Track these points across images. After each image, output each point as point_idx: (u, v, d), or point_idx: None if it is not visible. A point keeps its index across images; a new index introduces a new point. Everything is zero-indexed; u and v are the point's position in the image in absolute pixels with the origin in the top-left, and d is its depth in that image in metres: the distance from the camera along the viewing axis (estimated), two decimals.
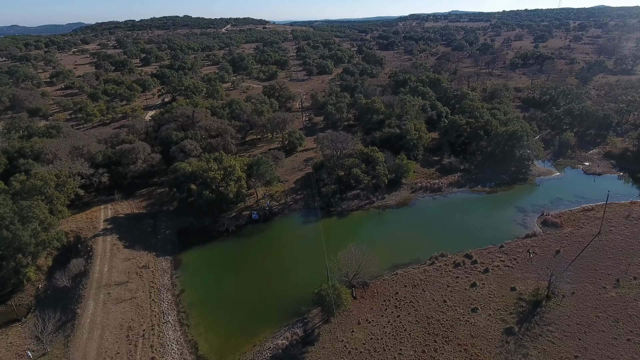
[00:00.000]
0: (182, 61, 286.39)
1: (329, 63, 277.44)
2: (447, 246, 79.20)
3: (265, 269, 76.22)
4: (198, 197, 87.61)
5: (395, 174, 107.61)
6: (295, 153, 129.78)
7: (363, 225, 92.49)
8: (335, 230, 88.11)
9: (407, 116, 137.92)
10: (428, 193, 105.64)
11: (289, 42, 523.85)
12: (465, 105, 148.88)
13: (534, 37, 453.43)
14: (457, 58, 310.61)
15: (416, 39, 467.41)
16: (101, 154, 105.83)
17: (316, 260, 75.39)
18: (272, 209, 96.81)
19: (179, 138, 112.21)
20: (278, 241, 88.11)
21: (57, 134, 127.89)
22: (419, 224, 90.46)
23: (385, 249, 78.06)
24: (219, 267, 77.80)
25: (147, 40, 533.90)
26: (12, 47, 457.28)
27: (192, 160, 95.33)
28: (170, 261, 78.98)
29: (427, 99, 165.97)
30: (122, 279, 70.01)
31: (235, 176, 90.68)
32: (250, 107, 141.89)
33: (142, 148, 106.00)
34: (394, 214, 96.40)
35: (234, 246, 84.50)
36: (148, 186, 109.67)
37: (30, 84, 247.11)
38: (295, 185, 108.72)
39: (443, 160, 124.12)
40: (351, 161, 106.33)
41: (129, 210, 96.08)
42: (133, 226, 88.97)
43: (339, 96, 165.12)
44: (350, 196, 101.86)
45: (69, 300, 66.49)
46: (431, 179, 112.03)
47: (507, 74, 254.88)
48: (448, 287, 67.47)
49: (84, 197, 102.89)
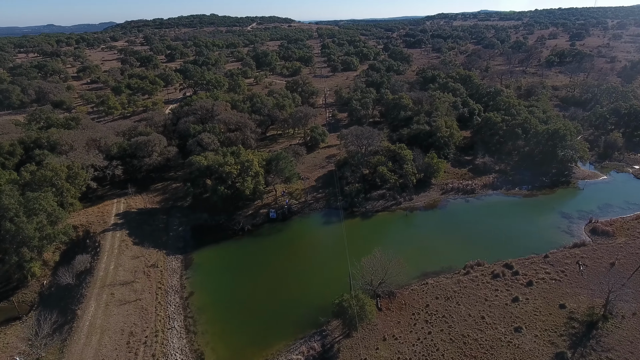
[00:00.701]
0: (206, 57, 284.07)
1: (354, 59, 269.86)
2: (483, 254, 71.19)
3: (281, 273, 70.05)
4: (213, 192, 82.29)
5: (424, 173, 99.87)
6: (318, 149, 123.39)
7: (389, 228, 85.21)
8: (358, 233, 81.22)
9: (437, 113, 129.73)
10: (460, 195, 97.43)
11: (314, 39, 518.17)
12: (501, 102, 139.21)
13: (569, 35, 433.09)
14: (489, 55, 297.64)
15: (444, 37, 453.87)
16: (116, 146, 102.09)
17: (337, 265, 68.83)
18: (291, 208, 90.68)
19: (197, 131, 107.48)
20: (296, 242, 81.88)
21: (75, 125, 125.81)
22: (451, 229, 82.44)
23: (414, 255, 70.73)
24: (232, 268, 72.07)
25: (173, 37, 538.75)
26: (45, 43, 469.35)
27: (208, 154, 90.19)
28: (180, 260, 73.79)
29: (457, 96, 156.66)
30: (128, 278, 65.11)
31: (253, 171, 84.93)
32: (272, 101, 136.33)
33: (158, 141, 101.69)
34: (422, 217, 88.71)
35: (249, 246, 78.73)
36: (164, 180, 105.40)
37: (57, 77, 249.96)
38: (316, 183, 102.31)
39: (476, 160, 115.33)
40: (377, 158, 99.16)
41: (142, 205, 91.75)
42: (145, 222, 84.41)
43: (365, 91, 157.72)
44: (375, 196, 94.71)
45: (70, 300, 61.98)
46: (463, 179, 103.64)
47: (543, 72, 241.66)
48: (486, 301, 59.59)
49: (99, 190, 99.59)
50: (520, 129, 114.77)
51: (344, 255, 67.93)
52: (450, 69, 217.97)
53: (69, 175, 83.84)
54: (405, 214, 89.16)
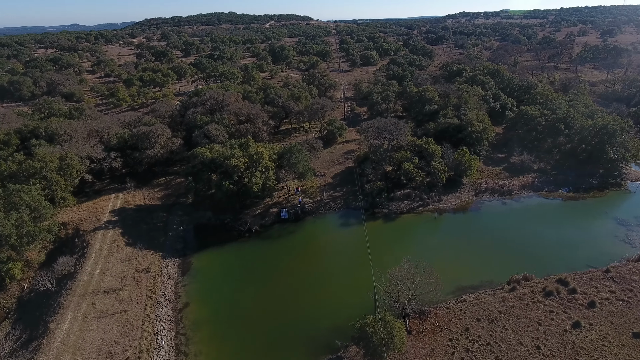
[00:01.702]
0: (222, 52, 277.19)
1: (373, 54, 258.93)
2: (529, 266, 60.19)
3: (291, 282, 60.39)
4: (217, 188, 73.25)
5: (454, 171, 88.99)
6: (335, 144, 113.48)
7: (416, 232, 74.79)
8: (381, 237, 70.97)
9: (466, 106, 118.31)
10: (496, 196, 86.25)
11: (332, 36, 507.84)
12: (537, 95, 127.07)
13: (599, 32, 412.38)
14: (516, 51, 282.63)
15: (467, 34, 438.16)
16: (116, 136, 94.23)
17: (357, 275, 58.89)
18: (305, 207, 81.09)
19: (204, 122, 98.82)
20: (310, 247, 72.12)
21: (79, 116, 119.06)
22: (488, 235, 71.44)
23: (446, 265, 60.22)
24: (235, 275, 62.75)
25: (190, 34, 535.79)
26: (64, 39, 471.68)
27: (213, 146, 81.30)
28: (178, 264, 64.85)
29: (487, 90, 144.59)
30: (114, 285, 56.37)
31: (262, 165, 75.58)
32: (287, 92, 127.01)
33: (162, 131, 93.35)
34: (454, 220, 77.95)
35: (256, 250, 69.33)
36: (167, 175, 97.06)
37: (71, 71, 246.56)
38: (333, 180, 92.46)
39: (511, 158, 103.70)
40: (401, 154, 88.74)
41: (142, 201, 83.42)
42: (142, 219, 75.94)
43: (386, 84, 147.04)
44: (399, 196, 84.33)
45: (46, 309, 53.57)
46: (498, 179, 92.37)
47: (576, 68, 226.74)
48: (540, 326, 48.75)
49: (97, 184, 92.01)
50: (562, 124, 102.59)
51: (365, 264, 57.98)
52: (477, 64, 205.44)
53: (61, 166, 75.95)
54: (434, 216, 78.55)
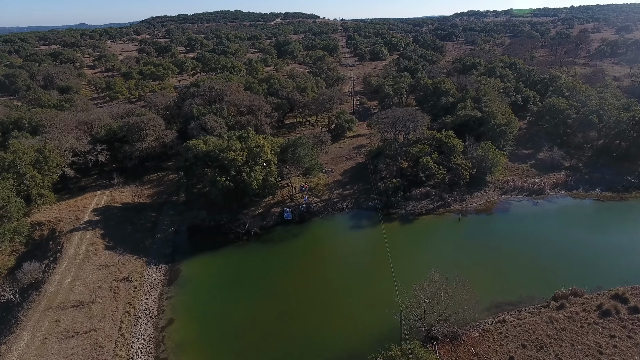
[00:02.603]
0: (226, 47, 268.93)
1: (382, 48, 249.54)
2: (574, 277, 50.94)
3: (296, 295, 51.56)
4: (211, 185, 64.56)
5: (477, 168, 79.75)
6: (344, 139, 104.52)
7: (438, 237, 65.64)
8: (398, 242, 61.84)
9: (486, 98, 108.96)
10: (525, 196, 76.94)
11: (339, 33, 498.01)
12: (563, 86, 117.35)
13: (614, 29, 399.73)
14: (531, 46, 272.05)
15: (477, 31, 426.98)
16: (104, 128, 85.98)
17: (374, 288, 49.97)
18: (311, 207, 72.25)
19: (201, 113, 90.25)
20: (318, 253, 63.22)
21: (69, 107, 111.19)
22: (521, 240, 62.13)
23: (478, 277, 50.94)
24: (230, 285, 53.99)
25: (195, 31, 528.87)
26: (68, 36, 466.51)
27: (209, 138, 72.69)
28: (164, 272, 56.21)
29: (506, 82, 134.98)
30: (85, 297, 47.78)
31: (263, 159, 66.79)
32: (292, 84, 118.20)
33: (154, 122, 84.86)
34: (480, 223, 68.69)
35: (255, 256, 60.56)
36: (160, 171, 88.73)
37: (71, 66, 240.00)
38: (342, 177, 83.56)
39: (538, 154, 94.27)
40: (419, 148, 79.58)
41: (129, 198, 74.98)
42: (128, 219, 67.46)
43: (398, 76, 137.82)
44: (416, 194, 75.23)
45: (4, 325, 45.10)
46: (526, 177, 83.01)
47: (596, 63, 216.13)
48: (601, 355, 39.48)
49: (83, 180, 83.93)
50: (595, 117, 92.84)
51: (383, 274, 49.14)
52: (492, 57, 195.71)
53: (38, 159, 67.66)
54: (458, 218, 69.35)
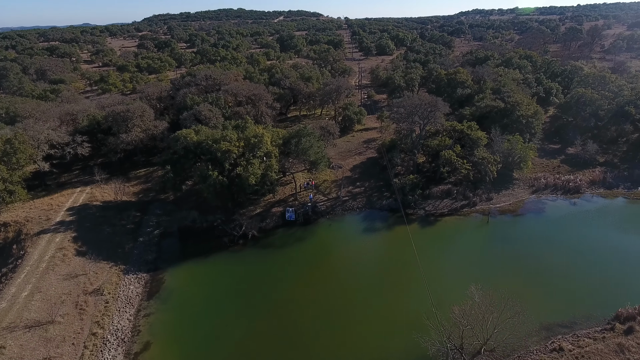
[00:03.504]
0: (227, 41, 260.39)
1: (389, 42, 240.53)
2: (636, 292, 42.01)
3: (301, 312, 42.79)
4: (202, 180, 55.89)
5: (503, 163, 70.73)
6: (352, 132, 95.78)
7: (466, 242, 56.55)
8: (420, 248, 52.90)
9: (506, 89, 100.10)
10: (559, 194, 67.98)
11: (343, 30, 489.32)
12: (590, 76, 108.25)
13: (626, 26, 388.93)
14: (543, 40, 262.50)
15: (485, 27, 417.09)
16: (87, 118, 77.64)
17: (396, 304, 41.12)
18: (317, 206, 63.52)
19: (195, 102, 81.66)
20: (325, 261, 54.39)
21: (55, 97, 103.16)
22: (563, 246, 53.11)
23: (518, 291, 41.87)
24: (222, 299, 45.30)
25: (197, 28, 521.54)
26: (68, 32, 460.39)
27: (201, 128, 64.04)
28: (144, 283, 47.57)
29: (525, 74, 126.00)
30: (42, 315, 39.16)
31: (262, 152, 58.08)
32: (295, 74, 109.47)
33: (141, 111, 76.25)
34: (512, 226, 59.63)
35: (252, 263, 51.87)
36: (150, 166, 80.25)
37: (67, 60, 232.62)
38: (351, 173, 74.75)
39: (567, 148, 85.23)
40: (439, 141, 70.65)
41: (112, 196, 66.41)
42: (107, 220, 58.89)
43: (409, 67, 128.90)
44: (437, 192, 66.34)
45: None
46: (558, 173, 73.94)
47: (613, 58, 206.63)
48: None
49: (64, 175, 75.60)
50: (632, 107, 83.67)
51: (406, 285, 40.30)
52: (505, 51, 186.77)
53: (5, 151, 59.22)
54: (486, 220, 60.38)
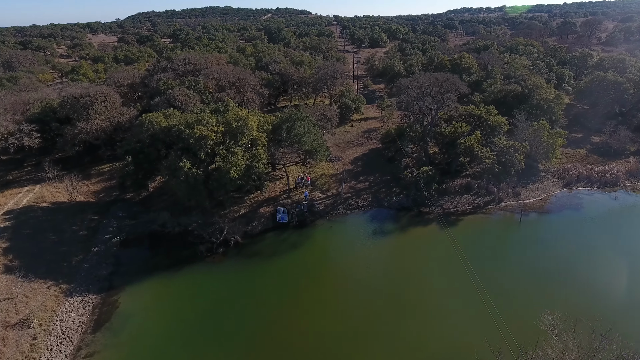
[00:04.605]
0: (212, 34, 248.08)
1: (382, 34, 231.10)
2: None
3: (299, 343, 32.08)
4: (171, 174, 44.80)
5: (526, 153, 60.96)
6: (350, 122, 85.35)
7: (500, 246, 46.20)
8: (442, 255, 42.58)
9: (518, 73, 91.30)
10: (595, 188, 58.41)
11: (333, 26, 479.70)
12: (606, 60, 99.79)
13: (615, 22, 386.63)
14: (539, 32, 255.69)
15: (476, 22, 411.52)
16: (40, 105, 66.05)
17: (425, 333, 30.60)
18: (315, 205, 52.86)
19: (169, 87, 70.30)
20: (326, 272, 43.64)
21: (12, 85, 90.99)
22: (625, 251, 43.28)
23: (605, 316, 31.95)
24: (194, 327, 34.30)
25: (182, 24, 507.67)
26: (47, 29, 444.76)
27: (173, 112, 52.95)
28: (92, 307, 36.36)
29: (534, 60, 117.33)
30: None
31: (247, 138, 47.24)
32: (286, 59, 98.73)
33: (104, 96, 64.72)
34: (550, 225, 49.57)
35: (235, 278, 40.92)
36: (117, 160, 68.55)
37: (41, 54, 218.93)
38: (353, 166, 64.25)
39: (591, 137, 76.01)
40: (454, 127, 60.47)
41: (65, 196, 54.94)
42: (53, 226, 47.50)
43: (409, 53, 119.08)
44: (454, 187, 56.16)
45: None
46: (588, 164, 64.45)
47: (614, 50, 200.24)
48: None
49: (13, 172, 63.85)
50: None
51: (434, 306, 29.85)
52: (505, 40, 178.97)
53: None
54: (518, 219, 50.28)
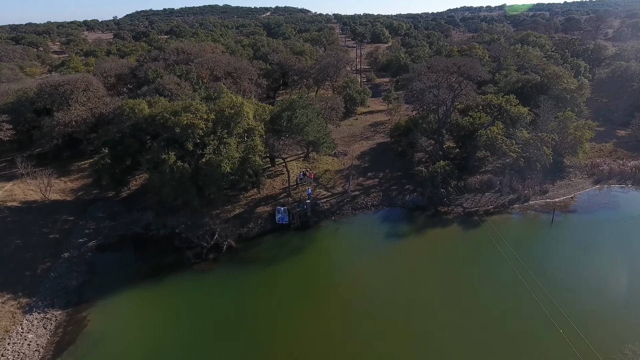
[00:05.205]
0: (210, 30, 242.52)
1: (384, 29, 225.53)
2: None
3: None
4: (153, 168, 38.90)
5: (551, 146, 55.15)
6: (354, 115, 79.49)
7: (539, 253, 40.03)
8: (464, 259, 36.75)
9: (532, 64, 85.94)
10: (630, 184, 52.72)
11: (333, 24, 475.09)
12: (627, 50, 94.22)
13: (618, 19, 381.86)
14: (545, 28, 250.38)
15: (478, 20, 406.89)
16: (15, 94, 60.19)
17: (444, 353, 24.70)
18: (319, 205, 46.92)
19: (157, 75, 64.35)
20: (332, 281, 37.66)
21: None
22: None
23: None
24: (178, 348, 28.45)
25: (180, 22, 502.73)
26: (42, 26, 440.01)
27: (158, 99, 47.08)
28: (54, 326, 30.41)
29: (547, 52, 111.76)
30: None
31: (242, 128, 41.33)
32: (285, 49, 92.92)
33: (85, 84, 58.76)
34: (588, 227, 43.59)
35: (227, 289, 35.02)
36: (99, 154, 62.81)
37: (33, 49, 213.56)
38: (360, 161, 58.38)
39: (616, 130, 70.30)
40: (472, 117, 54.58)
41: (38, 195, 48.97)
42: (21, 228, 41.59)
43: (415, 45, 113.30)
44: (473, 184, 50.35)
45: None
46: (617, 159, 58.72)
47: (624, 45, 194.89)
48: None
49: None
50: None
51: (473, 324, 23.98)
52: (508, 35, 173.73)
53: None
54: (550, 219, 44.35)
